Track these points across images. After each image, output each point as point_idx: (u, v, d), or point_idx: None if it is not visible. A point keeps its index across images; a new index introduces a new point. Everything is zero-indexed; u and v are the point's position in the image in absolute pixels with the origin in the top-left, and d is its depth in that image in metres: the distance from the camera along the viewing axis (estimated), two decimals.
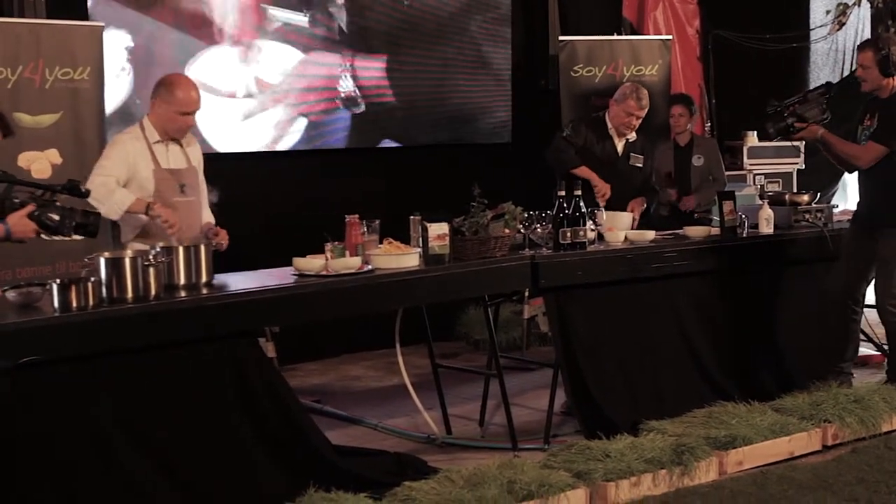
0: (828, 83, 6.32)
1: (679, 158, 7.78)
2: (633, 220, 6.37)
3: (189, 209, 5.21)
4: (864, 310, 6.31)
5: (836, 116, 6.24)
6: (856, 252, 6.08)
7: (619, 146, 6.63)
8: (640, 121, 6.60)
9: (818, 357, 6.19)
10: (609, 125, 6.62)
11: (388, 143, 8.35)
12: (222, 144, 7.51)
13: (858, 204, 6.22)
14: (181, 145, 5.28)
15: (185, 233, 5.06)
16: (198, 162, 5.37)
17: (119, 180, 5.04)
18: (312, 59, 7.93)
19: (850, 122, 6.29)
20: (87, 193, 4.22)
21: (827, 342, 6.17)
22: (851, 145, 6.11)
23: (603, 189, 6.46)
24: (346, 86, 8.10)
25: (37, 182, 4.03)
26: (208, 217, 5.41)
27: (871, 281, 6.12)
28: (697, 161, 7.73)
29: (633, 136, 6.66)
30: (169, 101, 5.13)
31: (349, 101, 8.15)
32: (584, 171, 6.44)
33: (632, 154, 6.67)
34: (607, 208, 6.30)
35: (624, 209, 6.46)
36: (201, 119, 7.22)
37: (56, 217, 4.12)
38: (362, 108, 8.20)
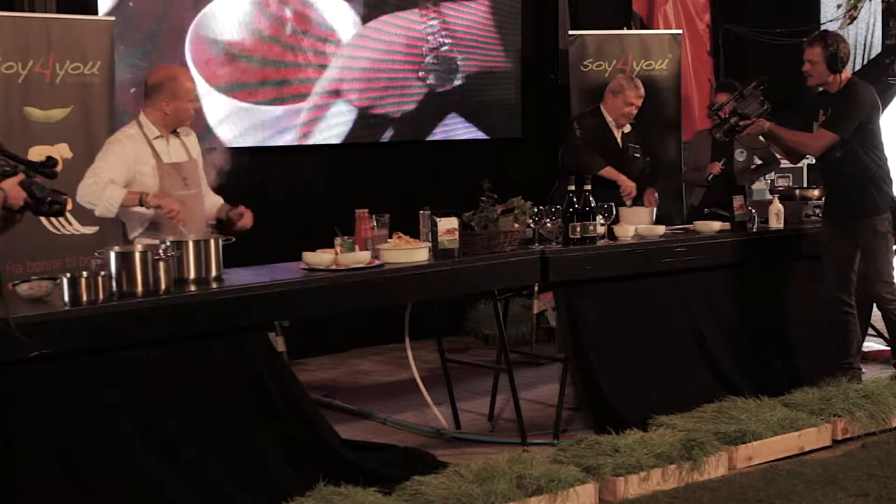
0: (760, 77, 6.34)
1: (718, 151, 7.45)
2: (651, 212, 6.38)
3: (193, 201, 5.21)
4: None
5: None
6: (836, 247, 6.08)
7: (619, 138, 6.66)
8: (637, 109, 6.62)
9: (827, 352, 6.18)
10: (608, 118, 6.64)
11: (398, 137, 8.33)
12: (231, 138, 7.53)
13: (827, 198, 6.23)
14: (180, 138, 5.29)
15: (192, 225, 5.06)
16: (197, 154, 5.40)
17: (114, 180, 5.02)
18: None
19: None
20: (55, 175, 4.16)
21: (832, 338, 6.16)
22: (801, 133, 6.15)
23: (629, 188, 6.46)
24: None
25: (17, 155, 3.99)
26: (217, 199, 5.42)
27: (857, 272, 6.11)
28: (740, 156, 7.59)
29: (627, 127, 6.69)
30: (177, 93, 5.15)
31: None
32: (609, 172, 6.44)
33: (630, 145, 6.69)
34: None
35: (636, 201, 6.47)
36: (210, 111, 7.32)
37: (40, 189, 4.06)
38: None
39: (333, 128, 7.96)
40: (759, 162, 7.68)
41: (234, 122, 7.52)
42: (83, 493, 4.13)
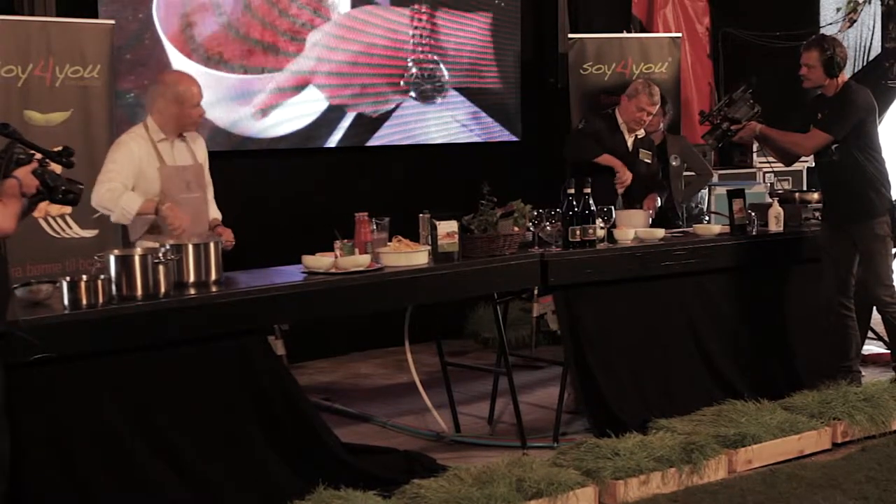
0: (748, 80, 6.33)
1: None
2: (649, 216, 6.37)
3: (195, 205, 5.23)
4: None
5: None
6: (835, 250, 6.08)
7: (630, 142, 6.64)
8: (651, 116, 6.61)
9: (827, 355, 6.18)
10: (620, 121, 6.63)
11: (406, 141, 8.32)
12: (235, 139, 7.52)
13: (825, 202, 6.24)
14: (186, 142, 5.30)
15: (193, 229, 5.08)
16: (203, 158, 5.40)
17: (126, 184, 5.05)
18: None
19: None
20: (72, 164, 4.17)
21: (831, 341, 6.16)
22: (793, 134, 6.17)
23: (625, 176, 6.44)
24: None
25: (34, 144, 4.00)
26: (215, 213, 5.43)
27: (856, 275, 6.11)
28: (674, 161, 7.57)
29: (642, 132, 6.68)
30: (177, 99, 5.17)
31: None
32: (606, 159, 6.41)
33: (641, 150, 6.68)
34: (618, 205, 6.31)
35: (634, 204, 6.46)
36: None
37: (53, 177, 4.06)
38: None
39: (301, 109, 7.84)
40: (693, 173, 7.71)
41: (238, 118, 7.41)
42: (83, 493, 4.14)
